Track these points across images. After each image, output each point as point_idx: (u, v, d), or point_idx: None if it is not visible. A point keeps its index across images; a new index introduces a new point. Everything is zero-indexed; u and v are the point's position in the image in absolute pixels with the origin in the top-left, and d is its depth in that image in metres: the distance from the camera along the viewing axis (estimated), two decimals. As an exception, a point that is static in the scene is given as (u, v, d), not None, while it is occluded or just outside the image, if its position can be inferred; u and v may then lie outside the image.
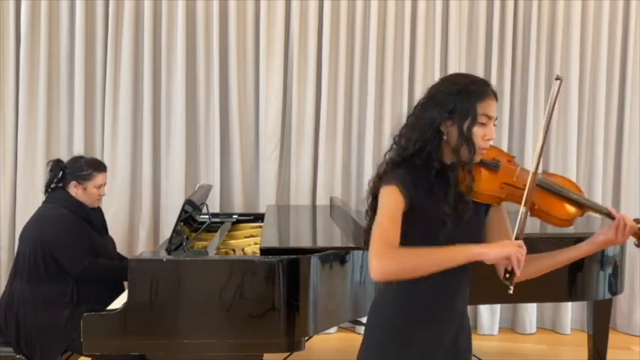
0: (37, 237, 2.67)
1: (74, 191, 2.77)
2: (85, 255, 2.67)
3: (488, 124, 1.50)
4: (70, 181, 2.77)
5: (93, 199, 2.82)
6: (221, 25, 4.01)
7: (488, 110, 1.50)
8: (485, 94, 1.50)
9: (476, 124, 1.48)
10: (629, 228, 1.50)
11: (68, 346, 2.62)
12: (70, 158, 2.90)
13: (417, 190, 1.49)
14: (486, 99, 1.50)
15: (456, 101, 1.48)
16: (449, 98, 1.49)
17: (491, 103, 1.51)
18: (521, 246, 1.41)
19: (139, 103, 4.04)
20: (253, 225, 3.42)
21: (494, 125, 1.53)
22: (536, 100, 4.13)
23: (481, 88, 1.51)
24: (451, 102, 1.49)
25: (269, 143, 4.07)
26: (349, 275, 2.45)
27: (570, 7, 4.12)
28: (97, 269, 2.69)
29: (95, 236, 2.79)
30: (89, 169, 2.79)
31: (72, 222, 2.70)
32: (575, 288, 2.91)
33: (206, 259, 2.39)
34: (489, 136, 1.51)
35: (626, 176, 4.21)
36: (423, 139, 1.50)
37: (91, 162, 2.87)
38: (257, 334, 2.26)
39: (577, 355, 3.72)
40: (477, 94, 1.49)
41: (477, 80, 1.54)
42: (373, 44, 4.04)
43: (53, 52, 3.99)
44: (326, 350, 3.78)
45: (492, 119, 1.51)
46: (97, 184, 2.81)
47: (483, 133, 1.49)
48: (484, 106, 1.49)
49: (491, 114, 1.51)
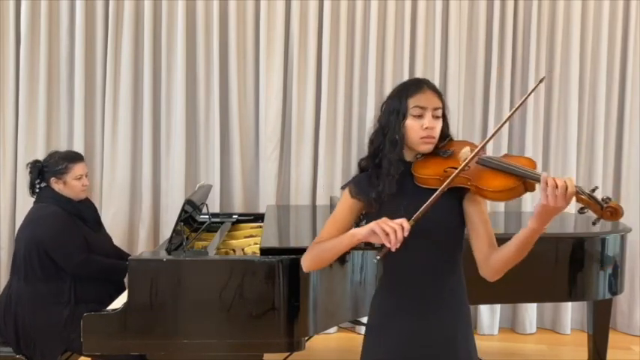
0: (31, 236, 2.67)
1: (56, 187, 2.78)
2: (79, 251, 2.67)
3: (424, 114, 1.62)
4: (49, 179, 2.78)
5: (76, 191, 2.81)
6: (221, 25, 4.01)
7: (419, 102, 1.62)
8: (414, 89, 1.64)
9: (407, 118, 1.62)
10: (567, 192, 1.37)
11: (68, 346, 2.62)
12: (46, 156, 2.89)
13: (371, 186, 1.64)
14: (416, 93, 1.63)
15: (393, 102, 1.65)
16: (390, 102, 1.67)
17: (422, 95, 1.62)
18: (399, 222, 1.44)
19: (139, 103, 4.04)
20: (253, 225, 3.42)
21: (437, 116, 1.63)
22: (536, 100, 4.13)
23: (411, 85, 1.67)
24: (391, 105, 1.66)
25: (269, 143, 4.07)
26: (349, 275, 2.46)
27: (570, 7, 4.12)
28: (91, 266, 2.70)
29: (88, 232, 2.79)
30: (64, 162, 2.79)
31: (64, 219, 2.70)
32: (575, 288, 2.91)
33: (206, 259, 2.39)
34: (427, 124, 1.61)
35: (626, 176, 4.21)
36: (377, 144, 1.67)
37: (65, 155, 2.87)
38: (257, 334, 2.27)
39: (577, 355, 3.72)
40: (406, 90, 1.64)
41: (410, 80, 1.72)
42: (373, 44, 4.04)
43: (53, 52, 3.99)
44: (326, 350, 3.78)
45: (427, 109, 1.62)
46: (76, 175, 2.79)
47: (420, 124, 1.61)
48: (415, 99, 1.62)
49: (424, 104, 1.61)
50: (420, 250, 1.61)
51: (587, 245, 2.90)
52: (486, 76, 4.15)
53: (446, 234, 1.64)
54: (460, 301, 1.70)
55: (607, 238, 2.93)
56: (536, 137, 4.14)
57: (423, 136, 1.61)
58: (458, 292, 1.69)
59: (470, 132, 4.15)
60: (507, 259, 1.55)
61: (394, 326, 1.66)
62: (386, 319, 1.69)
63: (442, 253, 1.64)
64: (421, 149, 1.64)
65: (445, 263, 1.65)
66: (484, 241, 1.61)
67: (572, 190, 1.38)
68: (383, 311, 1.71)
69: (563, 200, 1.38)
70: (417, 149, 1.64)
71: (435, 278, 1.65)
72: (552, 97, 4.16)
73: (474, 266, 1.66)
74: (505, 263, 1.56)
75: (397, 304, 1.67)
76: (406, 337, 1.65)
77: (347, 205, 1.68)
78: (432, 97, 1.63)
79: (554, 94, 4.16)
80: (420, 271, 1.64)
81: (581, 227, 3.40)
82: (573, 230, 3.33)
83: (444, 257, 1.65)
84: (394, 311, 1.67)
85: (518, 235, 1.51)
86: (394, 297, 1.68)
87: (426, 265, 1.63)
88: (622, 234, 3.02)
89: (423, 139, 1.62)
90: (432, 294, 1.64)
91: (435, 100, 1.64)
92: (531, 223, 1.46)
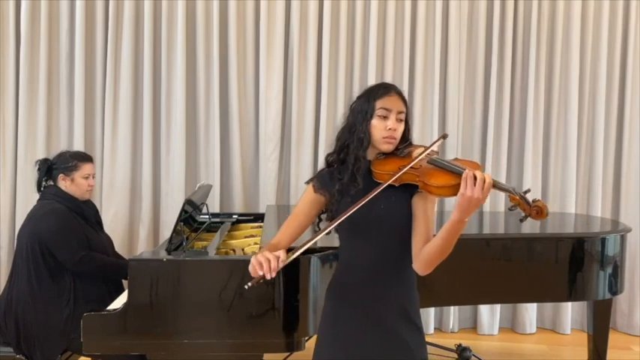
0: (33, 233, 2.67)
1: (63, 184, 2.79)
2: (80, 247, 2.67)
3: (388, 116, 1.72)
4: (57, 175, 2.80)
5: (82, 190, 2.83)
6: (221, 25, 4.01)
7: (385, 104, 1.72)
8: (382, 92, 1.74)
9: (373, 119, 1.72)
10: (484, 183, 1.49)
11: (68, 346, 2.62)
12: (56, 154, 2.92)
13: (333, 181, 1.74)
14: (384, 96, 1.73)
15: (362, 104, 1.75)
16: (357, 104, 1.77)
17: (388, 98, 1.73)
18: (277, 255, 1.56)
19: (139, 103, 4.04)
20: (253, 225, 3.42)
21: (400, 120, 1.74)
22: (536, 100, 4.13)
23: (378, 88, 1.77)
24: (359, 105, 1.76)
25: (269, 143, 4.07)
26: (349, 275, 2.45)
27: (570, 7, 4.12)
28: (92, 263, 2.69)
29: (90, 231, 2.79)
30: (74, 160, 2.82)
31: (66, 215, 2.71)
32: (575, 288, 2.91)
33: (206, 259, 2.39)
34: (390, 125, 1.71)
35: (626, 176, 4.21)
36: (343, 140, 1.77)
37: (75, 154, 2.91)
38: (257, 334, 2.27)
39: (577, 355, 3.72)
40: (374, 93, 1.74)
41: (380, 84, 1.81)
42: (373, 44, 4.04)
43: (53, 52, 3.99)
44: (326, 350, 3.77)
45: (392, 112, 1.72)
46: (84, 174, 2.82)
47: (384, 125, 1.71)
48: (381, 102, 1.72)
49: (389, 106, 1.72)
50: (373, 241, 1.71)
51: (587, 245, 2.89)
52: (486, 76, 4.15)
53: (397, 226, 1.71)
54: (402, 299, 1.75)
55: (607, 238, 2.93)
56: (536, 137, 4.14)
57: (385, 136, 1.72)
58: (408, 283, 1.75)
59: (470, 132, 4.15)
60: (434, 252, 1.62)
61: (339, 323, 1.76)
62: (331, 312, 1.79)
63: (393, 244, 1.71)
64: (382, 148, 1.74)
65: (396, 254, 1.72)
66: (421, 237, 1.69)
67: (489, 181, 1.50)
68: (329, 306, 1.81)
69: (480, 191, 1.49)
70: (379, 147, 1.74)
71: (385, 267, 1.72)
72: (552, 97, 4.16)
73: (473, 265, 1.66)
74: (431, 256, 1.63)
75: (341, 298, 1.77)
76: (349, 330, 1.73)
77: (308, 199, 1.78)
78: (398, 101, 1.74)
79: (554, 94, 4.16)
80: (373, 258, 1.72)
81: (581, 227, 3.40)
82: (573, 230, 3.34)
83: (395, 248, 1.72)
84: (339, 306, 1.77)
85: (442, 228, 1.59)
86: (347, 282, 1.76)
87: (378, 254, 1.71)
88: (622, 234, 3.02)
89: (385, 139, 1.72)
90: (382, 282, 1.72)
91: (400, 104, 1.74)
92: (453, 214, 1.55)
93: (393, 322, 1.72)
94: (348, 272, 1.77)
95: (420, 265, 1.68)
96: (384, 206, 1.69)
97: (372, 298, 1.72)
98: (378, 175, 1.72)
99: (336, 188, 1.72)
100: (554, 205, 4.18)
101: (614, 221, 3.88)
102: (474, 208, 1.51)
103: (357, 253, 1.75)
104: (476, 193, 1.49)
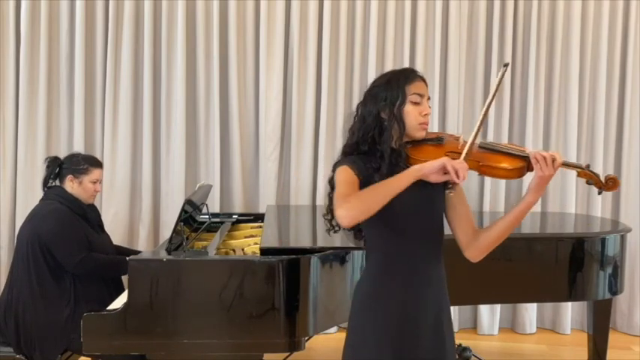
0: (33, 233, 2.67)
1: (70, 185, 2.79)
2: (79, 249, 2.66)
3: (421, 102, 1.67)
4: (66, 175, 2.79)
5: (88, 194, 2.83)
6: (221, 25, 4.01)
7: (418, 89, 1.66)
8: (412, 77, 1.68)
9: (406, 104, 1.65)
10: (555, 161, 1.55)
11: (68, 346, 2.62)
12: (68, 155, 2.93)
13: (367, 170, 1.65)
14: (414, 81, 1.67)
15: (387, 89, 1.67)
16: (381, 89, 1.68)
17: (419, 84, 1.68)
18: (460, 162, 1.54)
19: (139, 103, 4.04)
20: (253, 225, 3.41)
21: (428, 105, 1.69)
22: (536, 100, 4.13)
23: (407, 73, 1.70)
24: (383, 91, 1.67)
25: (269, 143, 4.07)
26: (349, 275, 2.46)
27: (570, 7, 4.12)
28: (91, 263, 2.68)
29: (91, 233, 2.79)
30: (85, 164, 2.83)
31: (67, 216, 2.71)
32: (575, 288, 2.91)
33: (206, 259, 2.39)
34: (425, 111, 1.67)
35: (626, 176, 4.20)
36: (365, 127, 1.68)
37: (87, 157, 2.92)
38: (257, 334, 2.27)
39: (577, 355, 3.72)
40: (404, 78, 1.68)
41: (402, 68, 1.75)
42: (373, 44, 4.04)
43: (53, 52, 3.99)
44: (326, 350, 3.78)
45: (424, 97, 1.68)
46: (93, 178, 2.83)
47: (419, 110, 1.66)
48: (413, 87, 1.66)
49: (422, 92, 1.67)
50: (417, 235, 1.68)
51: (587, 245, 2.89)
52: (486, 76, 4.15)
53: (437, 218, 1.72)
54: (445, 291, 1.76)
55: (607, 238, 2.93)
56: (536, 137, 4.14)
57: (422, 122, 1.67)
58: (443, 281, 1.75)
59: (470, 131, 4.12)
60: (500, 235, 1.66)
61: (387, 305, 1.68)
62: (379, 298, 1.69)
63: (435, 237, 1.71)
64: (417, 135, 1.68)
65: (433, 252, 1.72)
66: (469, 225, 1.72)
67: (560, 161, 1.56)
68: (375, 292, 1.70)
69: (552, 169, 1.55)
70: (413, 134, 1.68)
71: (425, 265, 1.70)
72: (552, 96, 4.16)
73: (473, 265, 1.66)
74: (495, 241, 1.68)
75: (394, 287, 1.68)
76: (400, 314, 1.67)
77: (350, 176, 1.64)
78: (426, 88, 1.70)
79: (554, 94, 4.16)
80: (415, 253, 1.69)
81: (581, 227, 3.40)
82: (573, 230, 3.34)
83: (433, 245, 1.71)
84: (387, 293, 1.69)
85: (512, 211, 1.63)
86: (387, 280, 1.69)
87: (422, 248, 1.69)
88: (622, 234, 3.02)
89: (421, 125, 1.67)
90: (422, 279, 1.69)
91: (427, 89, 1.71)
92: (529, 196, 1.59)
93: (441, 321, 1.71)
94: (387, 271, 1.69)
95: (477, 252, 1.70)
96: (421, 197, 1.65)
97: (413, 295, 1.67)
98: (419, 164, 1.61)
99: (376, 180, 1.60)
100: (555, 205, 4.18)
101: (614, 221, 3.88)
102: (545, 185, 1.59)
103: (397, 249, 1.69)
104: (548, 172, 1.55)
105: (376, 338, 1.66)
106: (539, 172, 1.56)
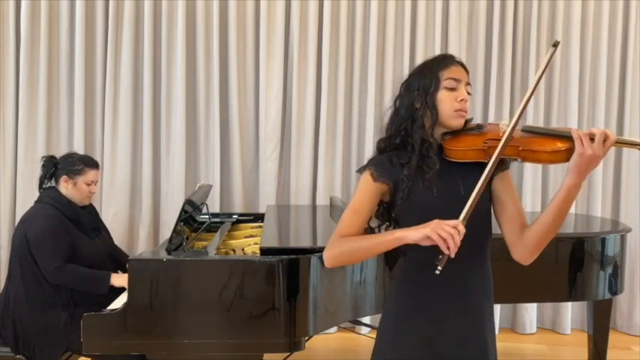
0: (23, 236, 2.64)
1: (64, 186, 2.76)
2: (56, 257, 2.58)
3: (458, 87, 1.54)
4: (61, 176, 2.76)
5: (83, 195, 2.79)
6: (221, 25, 4.01)
7: (453, 74, 1.54)
8: (446, 62, 1.56)
9: (440, 90, 1.53)
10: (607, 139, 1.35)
11: (68, 346, 2.61)
12: (63, 155, 2.89)
13: (395, 167, 1.54)
14: (450, 65, 1.55)
15: (420, 78, 1.56)
16: (414, 79, 1.57)
17: (456, 68, 1.55)
18: (454, 225, 1.34)
19: (139, 103, 4.04)
20: (253, 225, 3.42)
21: (468, 92, 1.56)
22: (536, 100, 4.13)
23: (441, 58, 1.59)
24: (416, 81, 1.56)
25: (269, 143, 4.07)
26: (349, 275, 2.46)
27: (570, 7, 4.12)
28: (67, 274, 2.59)
29: (82, 239, 2.72)
30: (80, 164, 2.79)
31: (54, 222, 2.65)
32: (575, 288, 2.91)
33: (206, 259, 2.39)
34: (462, 96, 1.53)
35: (626, 176, 4.21)
36: (399, 120, 1.58)
37: (83, 158, 2.87)
38: (257, 334, 2.26)
39: (577, 355, 3.72)
40: (438, 63, 1.56)
41: (436, 55, 1.62)
42: (373, 44, 4.04)
43: (53, 52, 3.99)
44: (326, 350, 3.78)
45: (462, 82, 1.55)
46: (88, 180, 2.79)
47: (455, 96, 1.53)
48: (448, 71, 1.54)
49: (458, 77, 1.54)
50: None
51: (587, 245, 2.90)
52: (486, 76, 4.15)
53: (480, 213, 1.51)
54: (488, 297, 1.60)
55: (607, 238, 2.93)
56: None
57: (458, 109, 1.53)
58: (487, 287, 1.59)
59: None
60: (546, 230, 1.46)
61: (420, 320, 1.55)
62: (412, 312, 1.57)
63: (473, 243, 1.49)
64: (453, 123, 1.54)
65: (475, 255, 1.55)
66: (517, 221, 1.53)
67: (612, 138, 1.34)
68: (408, 304, 1.57)
69: (600, 147, 1.34)
70: (448, 123, 1.54)
71: (465, 271, 1.54)
72: (552, 96, 4.16)
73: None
74: (542, 238, 1.47)
75: (424, 298, 1.55)
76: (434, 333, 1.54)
77: (369, 191, 1.54)
78: (464, 72, 1.57)
79: (554, 94, 4.16)
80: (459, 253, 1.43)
81: (581, 227, 3.40)
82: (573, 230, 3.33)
83: (475, 249, 1.53)
84: (420, 305, 1.55)
85: (554, 201, 1.44)
86: (421, 290, 1.55)
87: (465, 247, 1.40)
88: (622, 234, 3.02)
89: (458, 112, 1.53)
90: (462, 290, 1.54)
91: (466, 75, 1.57)
92: (567, 179, 1.40)
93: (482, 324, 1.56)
94: (423, 272, 1.51)
95: (525, 252, 1.51)
96: (464, 189, 1.49)
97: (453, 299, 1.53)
98: (459, 154, 1.51)
99: (404, 173, 1.51)
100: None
101: (614, 221, 3.88)
102: (592, 167, 1.37)
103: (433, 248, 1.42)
104: (596, 150, 1.34)
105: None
106: (580, 148, 1.35)
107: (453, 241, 1.32)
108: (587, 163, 1.36)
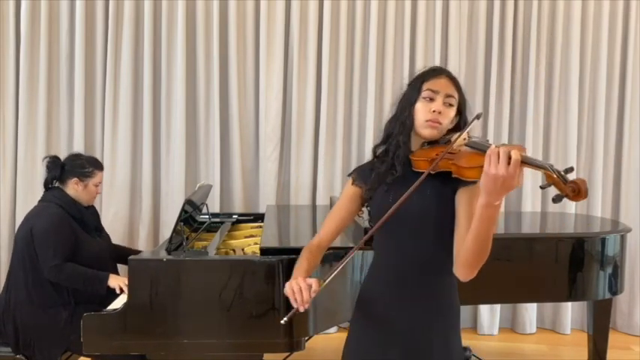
0: (28, 233, 2.65)
1: (74, 188, 2.77)
2: (56, 255, 2.58)
3: (435, 98, 1.59)
4: (70, 178, 2.77)
5: (91, 196, 2.84)
6: (221, 25, 4.01)
7: (433, 86, 1.60)
8: (432, 74, 1.63)
9: (418, 100, 1.60)
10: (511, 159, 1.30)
11: (68, 346, 2.61)
12: (69, 155, 2.90)
13: (372, 172, 1.65)
14: (431, 78, 1.62)
15: (409, 88, 1.66)
16: (406, 89, 1.67)
17: (437, 80, 1.61)
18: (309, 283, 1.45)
19: (139, 103, 4.04)
20: (253, 225, 3.42)
21: (450, 104, 1.60)
22: (536, 100, 4.13)
23: (430, 70, 1.65)
24: (406, 92, 1.66)
25: (269, 143, 4.07)
26: (349, 275, 2.45)
27: (570, 7, 4.12)
28: (65, 272, 2.58)
29: (84, 237, 2.73)
30: (91, 167, 2.82)
31: (59, 220, 2.66)
32: (575, 288, 2.91)
33: (206, 259, 2.39)
34: (435, 108, 1.58)
35: (626, 176, 4.21)
36: (389, 130, 1.67)
37: (91, 160, 2.89)
38: (257, 334, 2.26)
39: (577, 355, 3.72)
40: (423, 75, 1.64)
41: (429, 68, 1.69)
42: (373, 44, 4.04)
43: (53, 52, 3.99)
44: (326, 350, 3.78)
45: (439, 94, 1.59)
46: (97, 182, 2.84)
47: (429, 107, 1.58)
48: (428, 83, 1.61)
49: (437, 88, 1.59)
50: (406, 239, 1.58)
51: (587, 245, 2.89)
52: (486, 76, 4.15)
53: (433, 224, 1.55)
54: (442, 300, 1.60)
55: (607, 238, 2.93)
56: (536, 137, 4.14)
57: (429, 119, 1.57)
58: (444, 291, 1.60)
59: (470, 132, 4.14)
60: (469, 250, 1.42)
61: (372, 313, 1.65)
62: (366, 306, 1.67)
63: (428, 244, 1.56)
64: (425, 133, 1.59)
65: (431, 256, 1.57)
66: (461, 237, 1.48)
67: (515, 157, 1.29)
68: (365, 299, 1.69)
69: (504, 167, 1.28)
70: (421, 133, 1.59)
71: (418, 271, 1.57)
72: (552, 96, 4.16)
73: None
74: (468, 256, 1.44)
75: (379, 291, 1.64)
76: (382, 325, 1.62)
77: (348, 193, 1.70)
78: (447, 84, 1.61)
79: (554, 94, 4.16)
80: (403, 260, 1.58)
81: (581, 227, 3.40)
82: (573, 230, 3.34)
83: (430, 250, 1.56)
84: (374, 299, 1.65)
85: (472, 223, 1.41)
86: (377, 284, 1.65)
87: (411, 255, 1.57)
88: (622, 234, 3.02)
89: (428, 122, 1.57)
90: (412, 286, 1.58)
91: (450, 87, 1.60)
92: (479, 198, 1.36)
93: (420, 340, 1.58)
94: (374, 278, 1.66)
95: (458, 269, 1.49)
96: (417, 200, 1.52)
97: (396, 309, 1.59)
98: (416, 164, 1.57)
99: (372, 177, 1.62)
100: (554, 205, 4.18)
101: (614, 221, 3.88)
102: (502, 189, 1.30)
103: (387, 254, 1.62)
104: (500, 171, 1.28)
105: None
106: (486, 166, 1.31)
107: (300, 296, 1.43)
108: (492, 183, 1.31)
